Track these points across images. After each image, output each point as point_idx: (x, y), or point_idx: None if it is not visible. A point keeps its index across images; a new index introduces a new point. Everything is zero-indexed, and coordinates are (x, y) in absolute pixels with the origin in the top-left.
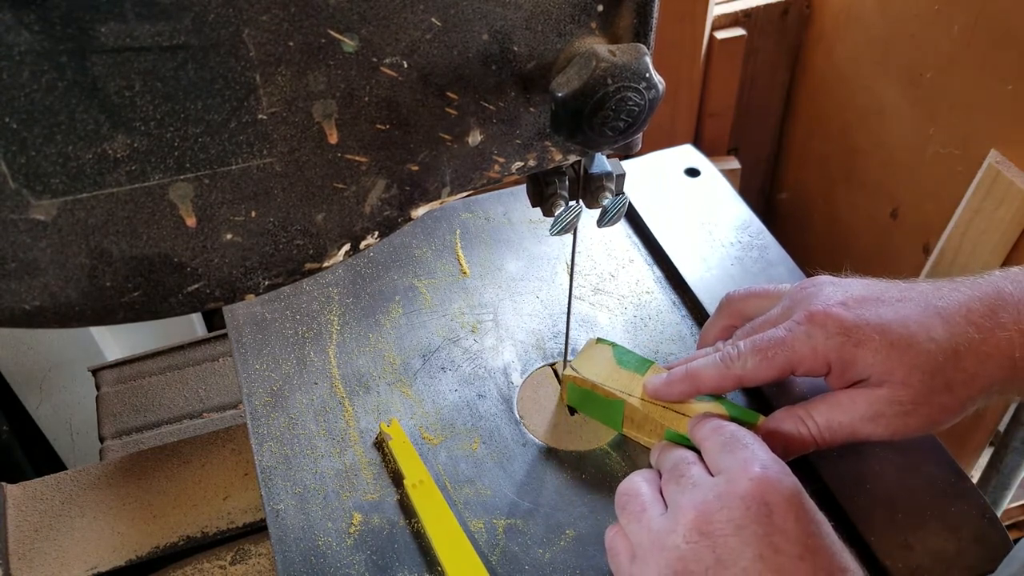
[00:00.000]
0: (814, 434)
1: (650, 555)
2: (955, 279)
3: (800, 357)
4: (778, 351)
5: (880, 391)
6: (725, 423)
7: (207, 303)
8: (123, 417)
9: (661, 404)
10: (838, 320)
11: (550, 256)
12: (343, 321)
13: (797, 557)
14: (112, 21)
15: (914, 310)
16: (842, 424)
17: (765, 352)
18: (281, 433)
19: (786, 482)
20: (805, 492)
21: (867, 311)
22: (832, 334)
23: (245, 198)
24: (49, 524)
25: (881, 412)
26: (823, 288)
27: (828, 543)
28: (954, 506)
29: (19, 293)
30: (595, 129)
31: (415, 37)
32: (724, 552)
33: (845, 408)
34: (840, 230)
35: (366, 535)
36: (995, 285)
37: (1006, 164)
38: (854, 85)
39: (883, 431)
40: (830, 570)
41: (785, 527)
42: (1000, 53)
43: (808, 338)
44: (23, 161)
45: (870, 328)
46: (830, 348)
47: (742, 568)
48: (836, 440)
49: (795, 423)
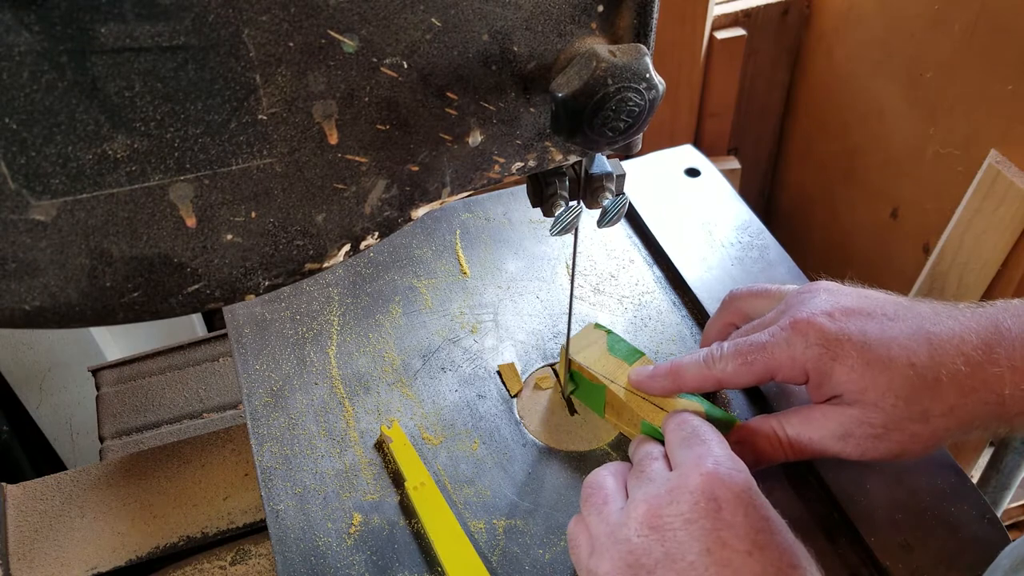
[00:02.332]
0: (784, 445)
1: (605, 548)
2: (957, 305)
3: (778, 364)
4: (757, 356)
5: (851, 410)
6: (690, 418)
7: (207, 303)
8: (123, 417)
9: (641, 395)
10: (820, 330)
11: (550, 256)
12: (343, 321)
13: (745, 552)
14: (112, 21)
15: (902, 331)
16: (811, 440)
17: (745, 356)
18: (281, 433)
19: (737, 478)
20: (757, 488)
21: (851, 325)
22: (812, 344)
23: (245, 198)
24: (49, 524)
25: (850, 432)
26: (816, 295)
27: (779, 539)
28: (954, 506)
29: (19, 293)
30: (595, 129)
31: (415, 37)
32: (672, 546)
33: (817, 424)
34: (840, 230)
35: (366, 535)
36: (994, 318)
37: (1006, 164)
38: (854, 85)
39: (852, 451)
40: (779, 566)
41: (734, 522)
42: (1000, 53)
43: (788, 346)
44: (23, 161)
45: (850, 344)
46: (808, 358)
47: (689, 562)
48: (806, 454)
49: (767, 433)
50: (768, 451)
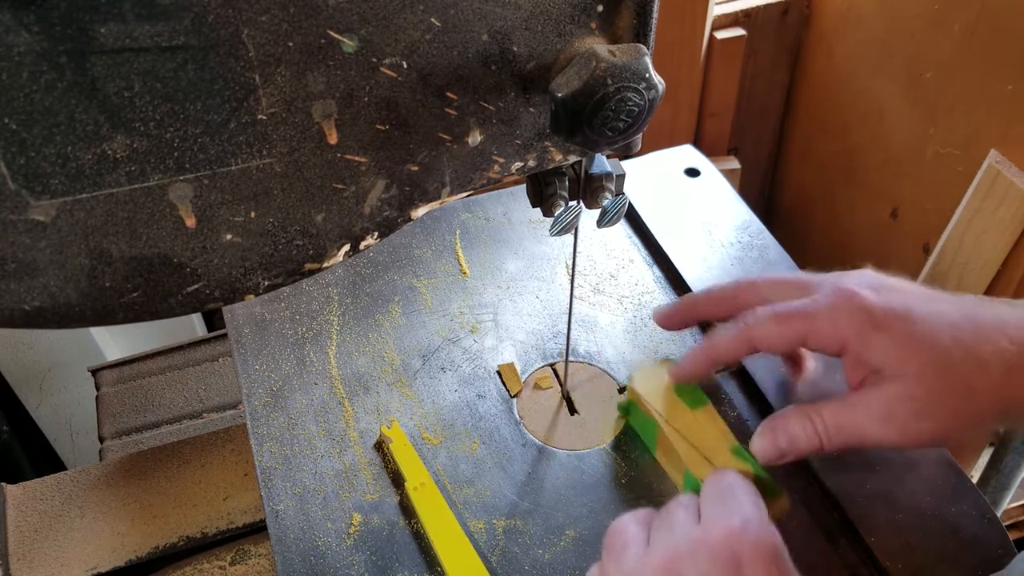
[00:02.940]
0: (820, 432)
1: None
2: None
3: (817, 328)
4: (796, 318)
5: (893, 387)
6: (729, 473)
7: (207, 303)
8: (123, 417)
9: (691, 443)
10: (864, 300)
11: (550, 256)
12: (343, 321)
13: None
14: (112, 21)
15: (946, 309)
16: (852, 424)
17: (782, 317)
18: (281, 433)
19: (763, 537)
20: (784, 553)
21: (895, 299)
22: (854, 312)
23: (245, 198)
24: (49, 524)
25: (893, 412)
26: (856, 275)
27: None
28: (954, 506)
29: (19, 293)
30: (595, 129)
31: (415, 37)
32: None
33: (856, 407)
34: (840, 230)
35: (366, 535)
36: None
37: (1006, 164)
38: (854, 85)
39: (894, 434)
40: None
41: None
42: (1000, 53)
43: (830, 312)
44: (23, 161)
45: (894, 315)
46: (850, 326)
47: None
48: (844, 441)
49: (802, 420)
50: (803, 439)
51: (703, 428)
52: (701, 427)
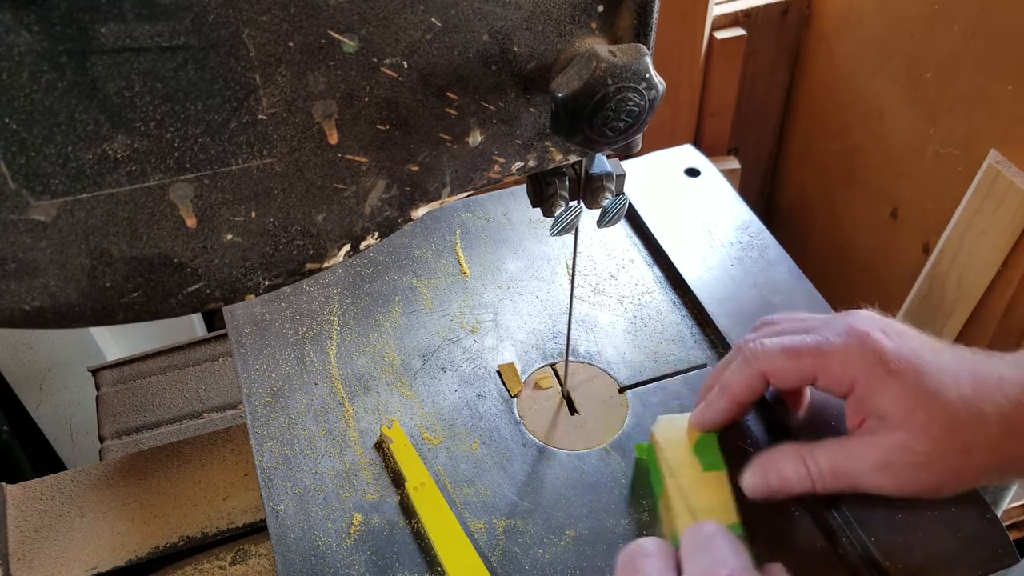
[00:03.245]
0: (814, 476)
1: None
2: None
3: (828, 367)
4: (808, 355)
5: (895, 436)
6: (708, 523)
7: (207, 303)
8: (123, 417)
9: (689, 504)
10: (877, 343)
11: (550, 256)
12: (343, 321)
13: None
14: (112, 21)
15: (951, 361)
16: (847, 470)
17: (794, 352)
18: (281, 433)
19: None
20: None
21: (906, 346)
22: (867, 354)
23: (245, 198)
24: (49, 524)
25: (892, 462)
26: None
27: None
28: (954, 506)
29: (19, 293)
30: (595, 129)
31: (415, 37)
32: None
33: (856, 453)
34: (840, 230)
35: (366, 535)
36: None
37: (1006, 164)
38: (854, 85)
39: (890, 483)
40: None
41: None
42: (1000, 53)
43: (843, 351)
44: (23, 161)
45: (907, 363)
46: (862, 367)
47: None
48: (836, 486)
49: (796, 461)
50: (795, 480)
51: (708, 493)
52: (706, 491)
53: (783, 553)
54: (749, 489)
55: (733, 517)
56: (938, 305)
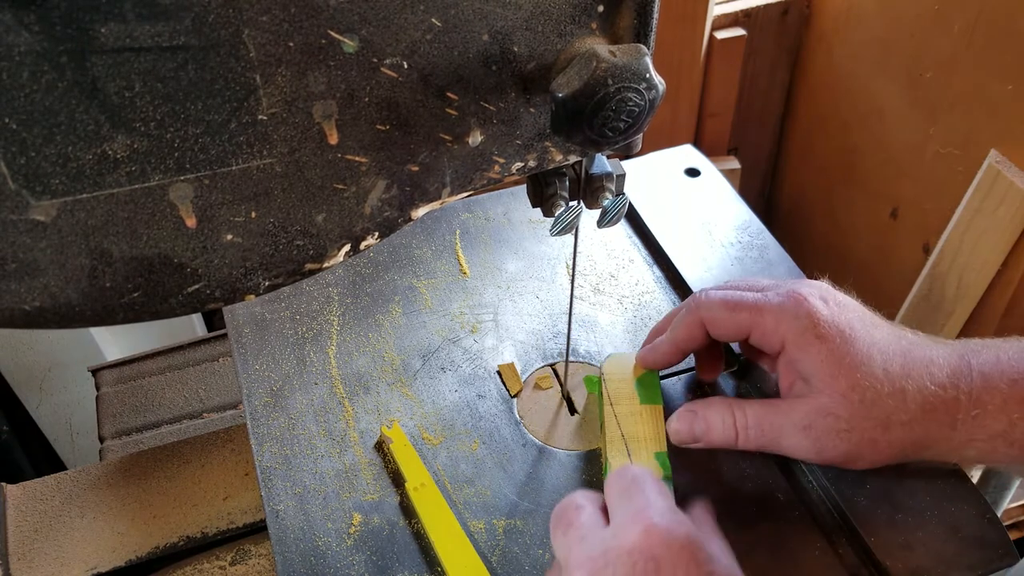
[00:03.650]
0: (739, 429)
1: None
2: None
3: (761, 322)
4: (744, 309)
5: (819, 400)
6: (632, 467)
7: (207, 304)
8: (123, 417)
9: (623, 431)
10: (812, 307)
11: (550, 256)
12: (343, 321)
13: None
14: (112, 21)
15: (884, 338)
16: (772, 427)
17: (732, 305)
18: (281, 433)
19: (677, 532)
20: (699, 541)
21: (842, 316)
22: (801, 316)
23: (245, 199)
24: (49, 524)
25: (813, 424)
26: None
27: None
28: (954, 506)
29: (19, 294)
30: (595, 129)
31: (415, 38)
32: None
33: (781, 412)
34: (840, 230)
35: (366, 535)
36: (961, 351)
37: (1006, 164)
38: (854, 85)
39: (808, 445)
40: None
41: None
42: (1000, 53)
43: (778, 309)
44: (23, 161)
45: (837, 330)
46: (793, 329)
47: None
48: (759, 443)
49: (723, 412)
50: (719, 430)
51: (641, 423)
52: (640, 421)
53: (783, 553)
54: (674, 434)
55: (662, 447)
56: (938, 305)
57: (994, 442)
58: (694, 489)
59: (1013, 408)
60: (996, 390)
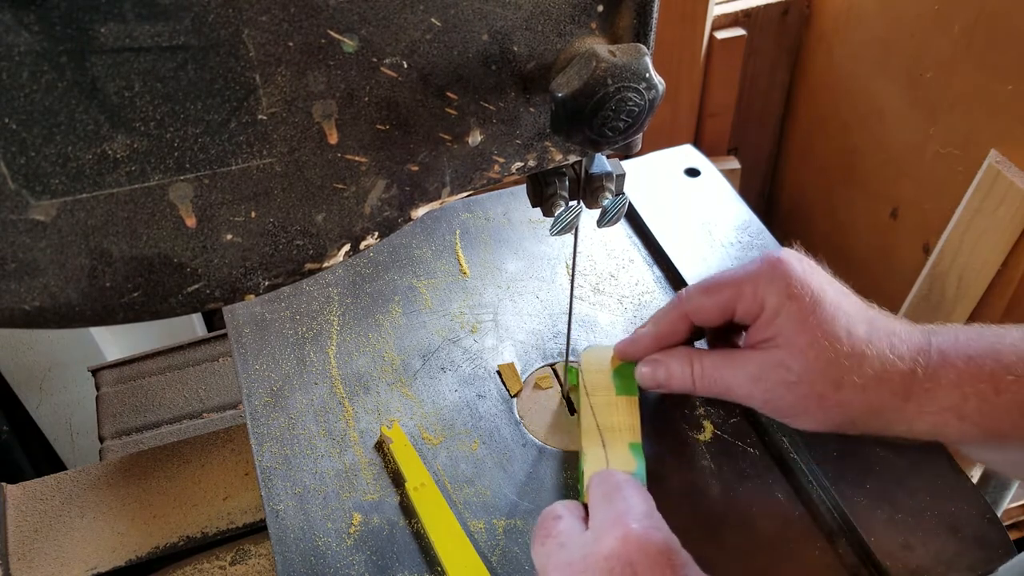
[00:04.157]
0: (695, 376)
1: None
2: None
3: (742, 293)
4: (724, 286)
5: (776, 353)
6: (614, 473)
7: (207, 303)
8: (123, 417)
9: (598, 421)
10: (788, 267)
11: (550, 256)
12: (343, 321)
13: None
14: (112, 21)
15: (852, 305)
16: (724, 376)
17: (711, 287)
18: (281, 433)
19: (654, 538)
20: (677, 546)
21: (815, 277)
22: (776, 277)
23: (245, 198)
24: (49, 524)
25: (764, 375)
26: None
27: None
28: (954, 506)
29: (19, 293)
30: (595, 129)
31: (415, 37)
32: None
33: (735, 363)
34: (840, 230)
35: (366, 535)
36: (925, 331)
37: (1006, 164)
38: (854, 85)
39: (759, 395)
40: None
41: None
42: (1000, 53)
43: (756, 275)
44: (23, 161)
45: (808, 290)
46: (771, 291)
47: None
48: (712, 390)
49: (682, 361)
50: (677, 377)
51: (617, 413)
52: (616, 412)
53: (783, 553)
54: (639, 378)
55: (636, 438)
56: (938, 305)
57: (945, 415)
58: (694, 489)
59: (966, 383)
60: (952, 366)
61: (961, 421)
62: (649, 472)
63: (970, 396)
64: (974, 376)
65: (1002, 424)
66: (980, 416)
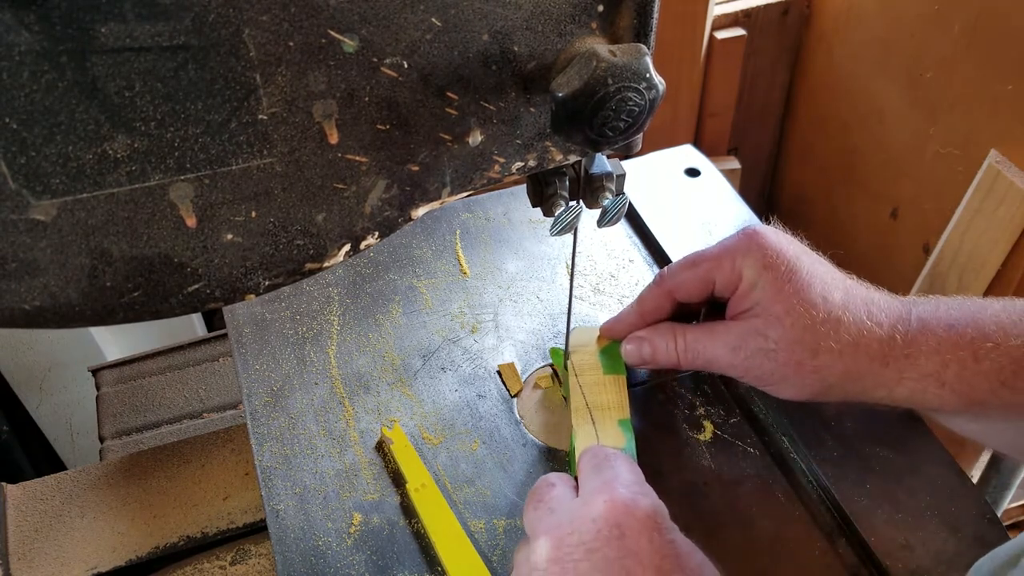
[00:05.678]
0: (679, 350)
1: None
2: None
3: (720, 266)
4: (704, 261)
5: (754, 322)
6: (604, 448)
7: (207, 303)
8: (123, 417)
9: (587, 399)
10: (763, 238)
11: (550, 256)
12: (343, 321)
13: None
14: (112, 21)
15: (828, 273)
16: (705, 348)
17: (692, 262)
18: (281, 433)
19: (642, 502)
20: (664, 512)
21: (790, 248)
22: (752, 248)
23: (245, 198)
24: (49, 524)
25: (744, 344)
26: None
27: (685, 563)
28: (954, 506)
29: (19, 293)
30: (595, 129)
31: (415, 37)
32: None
33: (716, 335)
34: (840, 230)
35: (366, 535)
36: (906, 302)
37: (1006, 164)
38: (854, 85)
39: (739, 364)
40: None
41: (637, 549)
42: (1000, 53)
43: (733, 248)
44: (23, 161)
45: (784, 260)
46: (748, 262)
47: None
48: (694, 363)
49: (666, 337)
50: (662, 352)
51: (605, 392)
52: (604, 390)
53: (783, 553)
54: (625, 356)
55: (625, 414)
56: None
57: (925, 381)
58: (694, 489)
59: (947, 351)
60: (932, 333)
61: (941, 388)
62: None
63: (950, 363)
64: (954, 344)
65: (981, 391)
66: (959, 383)
